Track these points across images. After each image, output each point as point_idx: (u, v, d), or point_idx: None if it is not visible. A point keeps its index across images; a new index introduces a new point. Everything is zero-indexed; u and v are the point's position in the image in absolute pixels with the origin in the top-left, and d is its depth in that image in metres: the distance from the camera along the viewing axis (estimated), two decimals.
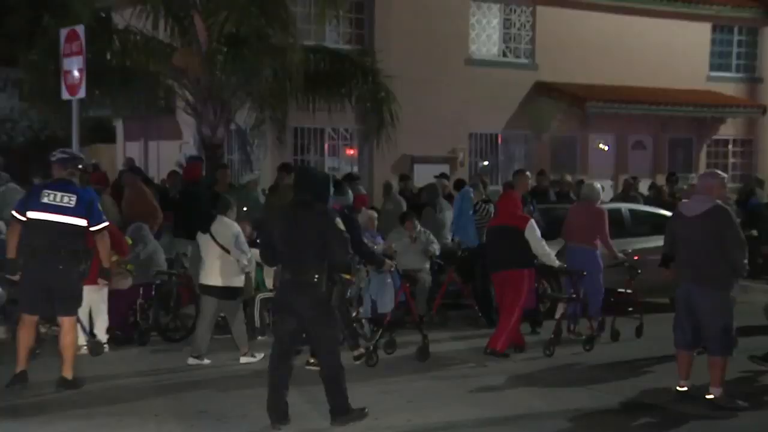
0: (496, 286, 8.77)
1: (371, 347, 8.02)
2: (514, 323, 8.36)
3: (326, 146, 16.97)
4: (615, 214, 11.77)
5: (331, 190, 6.41)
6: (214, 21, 11.31)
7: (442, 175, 13.65)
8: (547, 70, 18.21)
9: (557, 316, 8.97)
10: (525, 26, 18.41)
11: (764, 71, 20.88)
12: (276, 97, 12.28)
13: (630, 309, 9.56)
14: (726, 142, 20.82)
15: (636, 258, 9.90)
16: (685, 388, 6.74)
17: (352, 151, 17.24)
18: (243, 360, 8.04)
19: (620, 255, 9.60)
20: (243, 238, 8.10)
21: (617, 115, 18.21)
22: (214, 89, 12.20)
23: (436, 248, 10.45)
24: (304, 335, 6.12)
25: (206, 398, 6.80)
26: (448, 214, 11.59)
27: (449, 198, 12.37)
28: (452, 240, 10.91)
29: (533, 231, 8.32)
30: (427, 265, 10.54)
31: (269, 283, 9.42)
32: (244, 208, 11.55)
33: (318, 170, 6.25)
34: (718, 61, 20.56)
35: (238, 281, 8.09)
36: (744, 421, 6.31)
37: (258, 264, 9.54)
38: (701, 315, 6.55)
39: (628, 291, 9.51)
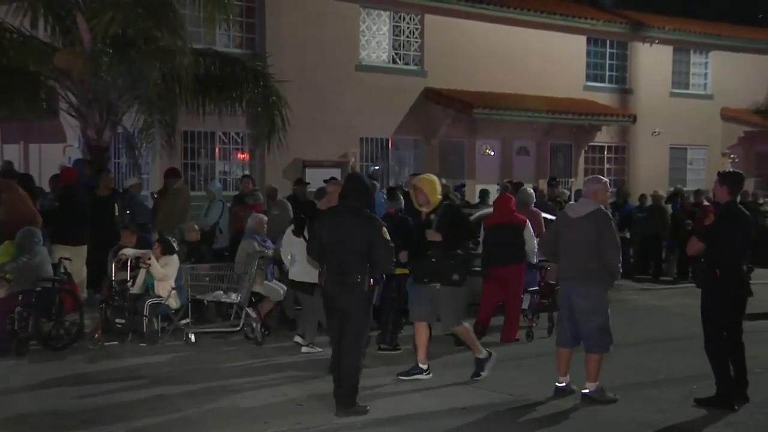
0: (490, 280, 9.35)
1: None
2: (516, 312, 9.40)
3: (217, 150, 16.67)
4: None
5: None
6: (98, 22, 10.84)
7: (333, 179, 13.62)
8: (435, 76, 18.52)
9: (525, 306, 9.67)
10: (414, 33, 18.66)
11: (633, 83, 21.97)
12: (165, 101, 11.90)
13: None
14: (602, 149, 21.76)
15: None
16: (564, 384, 6.98)
17: (243, 155, 16.99)
18: (304, 350, 8.48)
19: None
20: None
21: (503, 121, 18.71)
22: (100, 91, 11.71)
23: None
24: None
25: (90, 408, 6.53)
26: None
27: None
28: None
29: (530, 230, 9.23)
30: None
31: (158, 288, 9.18)
32: (127, 211, 11.25)
33: (366, 178, 6.67)
34: (593, 72, 21.49)
35: None
36: (615, 412, 6.58)
37: (146, 269, 9.31)
38: (579, 313, 6.79)
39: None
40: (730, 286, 6.56)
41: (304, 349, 8.49)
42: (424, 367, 7.50)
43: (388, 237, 6.26)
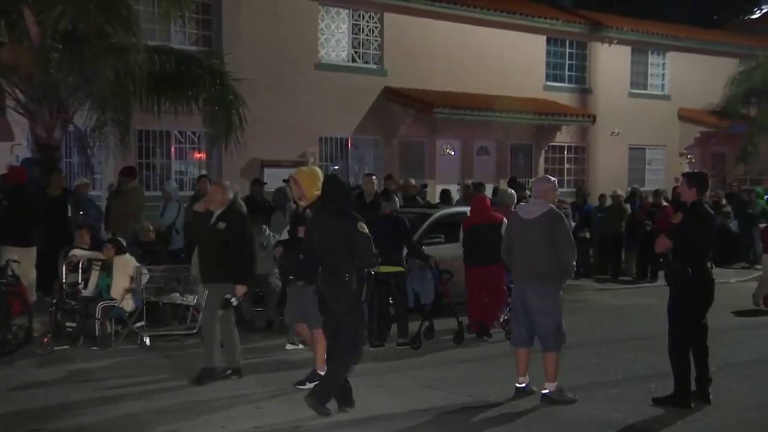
0: (471, 278, 9.65)
1: (416, 332, 9.08)
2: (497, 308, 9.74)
3: (173, 149, 16.46)
4: (461, 217, 12.22)
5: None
6: (47, 16, 10.61)
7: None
8: (395, 76, 18.53)
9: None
10: (373, 32, 18.66)
11: (593, 83, 22.26)
12: (118, 99, 11.70)
13: None
14: (562, 149, 21.99)
15: None
16: (524, 384, 7.03)
17: (200, 155, 16.81)
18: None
19: None
20: None
21: (463, 121, 18.80)
22: (50, 88, 11.47)
23: None
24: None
25: (39, 411, 6.40)
26: None
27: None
28: None
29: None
30: (276, 270, 10.49)
31: (113, 291, 9.04)
32: (80, 212, 11.07)
33: (344, 179, 6.87)
34: (553, 71, 21.71)
35: None
36: (574, 412, 6.64)
37: (104, 270, 9.19)
38: (534, 313, 6.86)
39: None
40: (701, 284, 6.69)
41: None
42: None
43: (366, 231, 6.39)
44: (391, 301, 9.10)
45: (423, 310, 9.61)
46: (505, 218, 9.59)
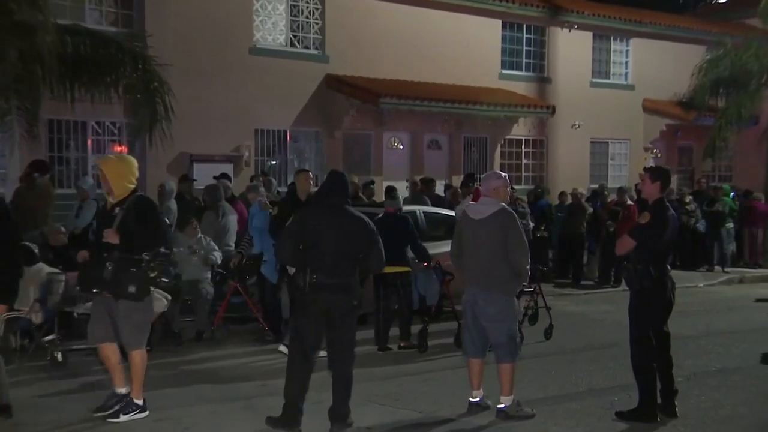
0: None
1: (420, 335, 9.61)
2: None
3: (89, 142, 16.12)
4: (411, 216, 12.24)
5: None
6: None
7: (223, 176, 13.44)
8: (338, 62, 18.46)
9: (523, 305, 10.24)
10: (314, 14, 18.56)
11: (552, 71, 22.49)
12: (24, 84, 11.37)
13: None
14: (519, 142, 22.19)
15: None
16: (478, 399, 7.04)
17: (120, 148, 16.49)
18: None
19: None
20: None
21: (412, 112, 18.82)
22: None
23: (217, 256, 10.38)
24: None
25: None
26: (231, 219, 11.48)
27: (232, 201, 12.21)
28: None
29: None
30: (208, 275, 10.43)
31: (19, 301, 8.77)
32: None
33: (347, 175, 7.02)
34: (510, 59, 21.85)
35: None
36: (532, 428, 6.69)
37: None
38: (487, 321, 6.88)
39: None
40: (664, 287, 6.82)
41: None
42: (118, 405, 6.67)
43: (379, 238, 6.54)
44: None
45: (428, 311, 10.03)
46: None
